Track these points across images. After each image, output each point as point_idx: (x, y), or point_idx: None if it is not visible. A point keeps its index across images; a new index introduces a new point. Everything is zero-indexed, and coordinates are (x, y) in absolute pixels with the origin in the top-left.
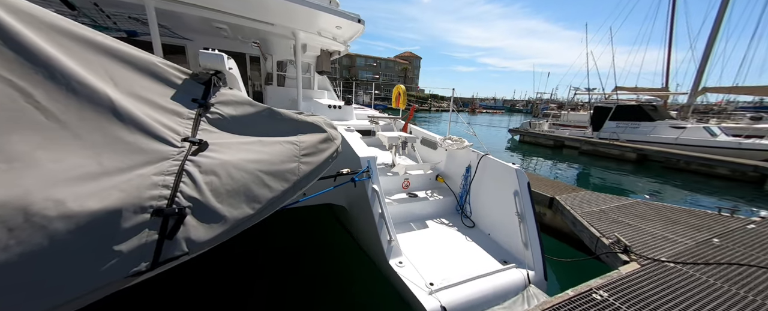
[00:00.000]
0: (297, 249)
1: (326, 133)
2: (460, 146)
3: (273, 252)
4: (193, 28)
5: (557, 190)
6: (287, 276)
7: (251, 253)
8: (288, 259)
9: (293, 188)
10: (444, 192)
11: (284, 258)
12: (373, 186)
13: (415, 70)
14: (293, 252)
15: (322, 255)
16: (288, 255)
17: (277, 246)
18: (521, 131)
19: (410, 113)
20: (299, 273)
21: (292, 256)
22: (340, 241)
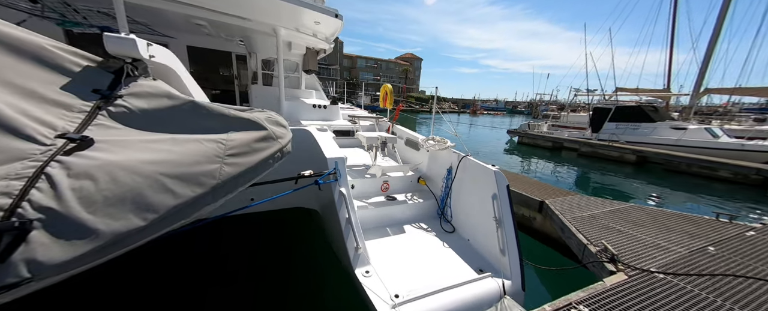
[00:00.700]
0: (267, 253)
1: (266, 131)
2: (442, 147)
3: (241, 256)
4: (174, 26)
5: (548, 193)
6: (256, 282)
7: (218, 257)
8: (257, 264)
9: (212, 194)
10: (425, 195)
11: (253, 262)
12: (340, 189)
13: (416, 71)
14: (263, 256)
15: (292, 260)
16: (257, 260)
17: (247, 251)
18: (520, 132)
19: (396, 112)
20: (267, 278)
21: (262, 261)
22: (311, 246)
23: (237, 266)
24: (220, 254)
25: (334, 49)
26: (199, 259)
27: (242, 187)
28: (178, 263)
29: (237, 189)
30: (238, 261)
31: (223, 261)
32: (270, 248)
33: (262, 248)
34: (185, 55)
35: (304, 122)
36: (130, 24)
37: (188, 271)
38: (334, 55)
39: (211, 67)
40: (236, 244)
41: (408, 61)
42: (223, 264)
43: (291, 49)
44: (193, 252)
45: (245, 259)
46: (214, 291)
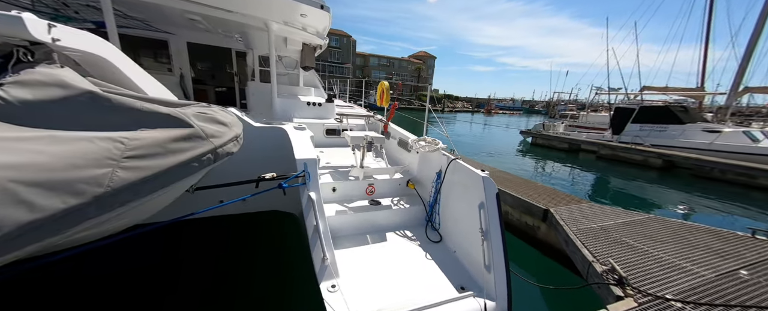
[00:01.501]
0: (231, 260)
1: (190, 128)
2: (432, 149)
3: (201, 262)
4: (172, 22)
5: (556, 200)
6: (211, 291)
7: (173, 263)
8: (217, 271)
9: (97, 205)
10: (413, 200)
11: (214, 269)
12: (309, 194)
13: (429, 69)
14: (226, 263)
15: (258, 268)
16: (218, 267)
17: (209, 256)
18: (533, 132)
19: (391, 111)
20: (225, 287)
21: (224, 268)
22: (283, 253)
23: (194, 272)
24: (176, 259)
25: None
26: (149, 265)
27: (151, 195)
28: (123, 270)
29: (140, 198)
30: (197, 267)
31: (178, 266)
32: (235, 254)
33: (228, 254)
34: (185, 51)
35: (297, 120)
36: (126, 19)
37: (136, 279)
38: (347, 53)
39: (216, 64)
40: (198, 249)
41: (421, 59)
42: (177, 271)
43: (287, 45)
44: (143, 257)
45: (205, 265)
46: (164, 300)
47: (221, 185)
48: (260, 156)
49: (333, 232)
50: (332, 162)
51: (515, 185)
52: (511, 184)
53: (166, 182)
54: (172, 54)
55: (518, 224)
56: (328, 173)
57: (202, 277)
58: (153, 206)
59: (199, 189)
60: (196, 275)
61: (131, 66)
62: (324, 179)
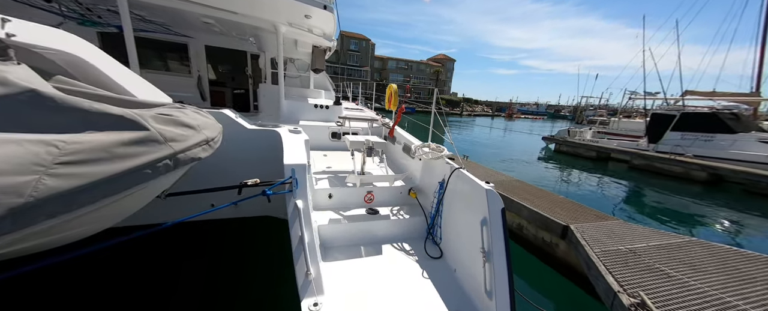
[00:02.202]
0: (213, 268)
1: (145, 131)
2: (436, 156)
3: (181, 270)
4: (191, 26)
5: (578, 215)
6: (187, 302)
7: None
8: (196, 280)
9: (12, 218)
10: (414, 210)
11: (193, 278)
12: (295, 202)
13: (448, 72)
14: (209, 271)
15: (243, 277)
16: (198, 275)
17: (191, 264)
18: (557, 138)
19: (398, 115)
20: (203, 297)
21: (204, 276)
22: (272, 262)
23: (172, 281)
24: (153, 266)
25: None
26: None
27: (90, 206)
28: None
29: (74, 210)
30: (175, 275)
31: (154, 274)
32: (220, 261)
33: (212, 261)
34: (203, 54)
35: (303, 122)
36: (146, 23)
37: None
38: (366, 56)
39: (235, 67)
40: (182, 255)
41: (440, 62)
42: (155, 278)
43: (298, 48)
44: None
45: (184, 274)
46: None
47: (197, 191)
48: (254, 159)
49: (325, 242)
50: (334, 167)
51: (532, 197)
52: (527, 195)
53: (111, 191)
54: (191, 57)
55: (534, 240)
56: (325, 179)
57: (178, 285)
58: (115, 213)
59: (171, 195)
60: (167, 283)
61: (111, 64)
62: (321, 185)
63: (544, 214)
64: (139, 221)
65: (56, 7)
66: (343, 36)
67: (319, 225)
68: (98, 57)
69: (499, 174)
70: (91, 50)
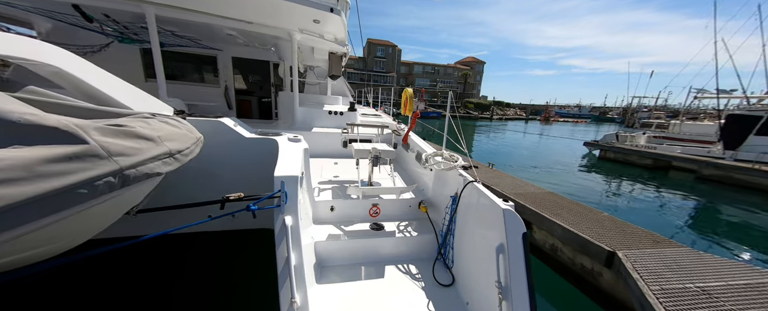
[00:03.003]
0: (195, 281)
1: (84, 145)
2: (448, 166)
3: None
4: (219, 39)
5: (628, 238)
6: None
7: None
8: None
9: None
10: (424, 227)
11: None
12: (283, 218)
13: (477, 75)
14: (195, 284)
15: (230, 294)
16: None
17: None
18: (602, 144)
19: (412, 120)
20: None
21: (185, 291)
22: (264, 279)
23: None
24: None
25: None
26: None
27: (12, 231)
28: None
29: None
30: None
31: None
32: (208, 277)
33: (199, 276)
34: (230, 65)
35: (316, 129)
36: (178, 38)
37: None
38: (392, 62)
39: (263, 76)
40: (170, 267)
41: (468, 65)
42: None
43: (314, 55)
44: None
45: (170, 289)
46: None
47: (172, 207)
48: (253, 168)
49: (321, 260)
50: (342, 176)
51: (569, 213)
52: (562, 210)
53: (32, 216)
54: (220, 68)
55: (571, 265)
56: (329, 189)
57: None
58: (70, 232)
59: (142, 212)
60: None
61: (97, 73)
62: (323, 196)
63: (584, 235)
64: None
65: (98, 27)
66: (370, 43)
67: (316, 242)
68: (82, 67)
69: (528, 185)
70: (72, 61)
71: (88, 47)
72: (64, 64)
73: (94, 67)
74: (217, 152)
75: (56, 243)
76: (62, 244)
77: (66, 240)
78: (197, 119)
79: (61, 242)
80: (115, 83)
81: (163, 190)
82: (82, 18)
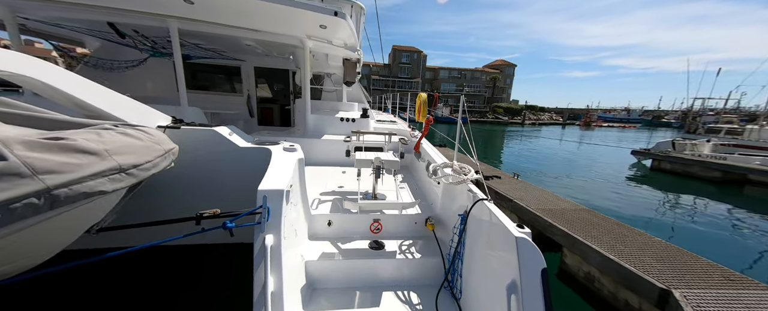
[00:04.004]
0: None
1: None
2: (457, 180)
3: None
4: (242, 49)
5: (686, 273)
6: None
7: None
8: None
9: None
10: (430, 248)
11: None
12: (263, 236)
13: (507, 79)
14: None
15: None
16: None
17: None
18: (656, 153)
19: (425, 127)
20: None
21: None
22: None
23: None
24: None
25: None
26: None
27: None
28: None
29: None
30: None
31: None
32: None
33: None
34: (253, 75)
35: (327, 137)
36: (204, 50)
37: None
38: (417, 68)
39: (286, 85)
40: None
41: (498, 68)
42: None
43: (329, 62)
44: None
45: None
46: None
47: (140, 224)
48: (248, 179)
49: (312, 282)
50: (347, 186)
51: (610, 235)
52: (601, 232)
53: None
54: (243, 78)
55: (612, 300)
56: (329, 201)
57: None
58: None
59: (104, 230)
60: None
61: (67, 78)
62: (320, 209)
63: (630, 267)
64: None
65: (132, 43)
66: (395, 50)
67: (307, 261)
68: (48, 73)
69: (559, 200)
70: (50, 71)
71: (130, 62)
72: (42, 76)
73: (80, 78)
74: (211, 163)
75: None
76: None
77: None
78: (190, 128)
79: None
80: (102, 92)
81: (154, 201)
82: (117, 34)
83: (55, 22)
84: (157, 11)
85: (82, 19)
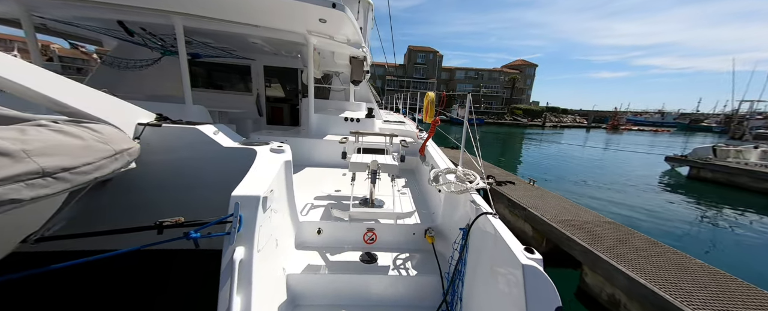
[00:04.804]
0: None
1: None
2: (459, 189)
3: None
4: (250, 48)
5: (733, 303)
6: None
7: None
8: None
9: None
10: (428, 264)
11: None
12: (233, 249)
13: (527, 80)
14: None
15: None
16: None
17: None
18: (694, 160)
19: (431, 129)
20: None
21: None
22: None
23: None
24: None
25: (433, 63)
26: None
27: None
28: None
29: None
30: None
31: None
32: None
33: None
34: (262, 74)
35: (329, 137)
36: (211, 49)
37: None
38: (433, 68)
39: (294, 84)
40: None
41: (517, 68)
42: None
43: (335, 59)
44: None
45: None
46: None
47: (94, 233)
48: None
49: (294, 298)
50: (344, 191)
51: (638, 254)
52: (628, 250)
53: None
54: (253, 77)
55: None
56: (321, 207)
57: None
58: None
59: (43, 240)
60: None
61: (26, 70)
62: (311, 216)
63: (664, 295)
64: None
65: (141, 41)
66: (411, 50)
67: (288, 274)
68: (20, 70)
69: (579, 209)
70: (13, 66)
71: (145, 61)
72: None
73: (45, 71)
74: (194, 162)
75: None
76: None
77: None
78: (172, 126)
79: None
80: (70, 86)
81: (129, 201)
82: (126, 32)
83: (69, 21)
84: (161, 7)
85: (93, 18)
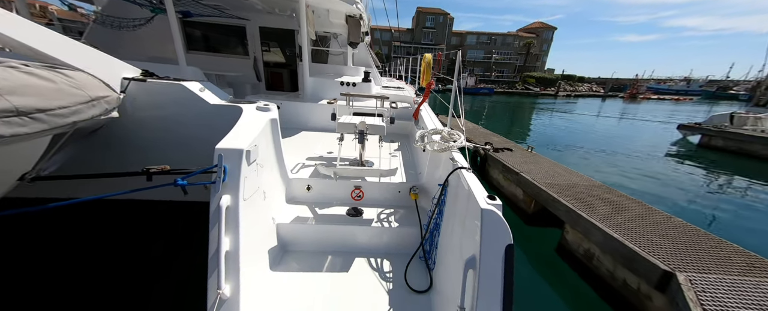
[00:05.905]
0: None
1: None
2: (441, 147)
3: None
4: (244, 7)
5: (699, 256)
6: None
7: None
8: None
9: None
10: (410, 218)
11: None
12: (219, 196)
13: (542, 44)
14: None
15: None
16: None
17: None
18: (707, 128)
19: (426, 92)
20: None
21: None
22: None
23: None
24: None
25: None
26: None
27: None
28: None
29: None
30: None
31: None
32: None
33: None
34: (258, 36)
35: (325, 102)
36: (202, 7)
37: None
38: (442, 33)
39: (293, 47)
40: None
41: (533, 32)
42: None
43: (331, 19)
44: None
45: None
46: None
47: (85, 176)
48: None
49: (284, 244)
50: (335, 152)
51: (619, 213)
52: (610, 210)
53: None
54: (248, 39)
55: (609, 279)
56: (311, 166)
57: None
58: None
59: (40, 179)
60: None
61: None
62: (301, 174)
63: (631, 245)
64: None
65: None
66: (419, 12)
67: (278, 223)
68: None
69: (571, 174)
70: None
71: (138, 20)
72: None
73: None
74: (180, 117)
75: None
76: None
77: None
78: (156, 81)
79: None
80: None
81: (116, 153)
82: None
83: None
84: None
85: None
